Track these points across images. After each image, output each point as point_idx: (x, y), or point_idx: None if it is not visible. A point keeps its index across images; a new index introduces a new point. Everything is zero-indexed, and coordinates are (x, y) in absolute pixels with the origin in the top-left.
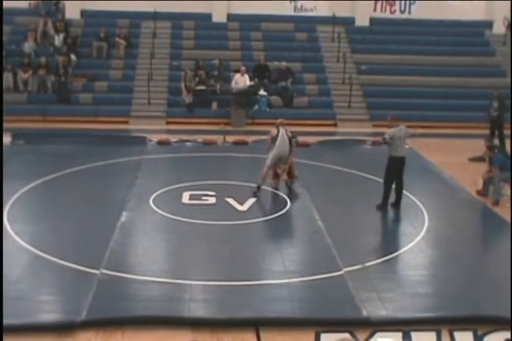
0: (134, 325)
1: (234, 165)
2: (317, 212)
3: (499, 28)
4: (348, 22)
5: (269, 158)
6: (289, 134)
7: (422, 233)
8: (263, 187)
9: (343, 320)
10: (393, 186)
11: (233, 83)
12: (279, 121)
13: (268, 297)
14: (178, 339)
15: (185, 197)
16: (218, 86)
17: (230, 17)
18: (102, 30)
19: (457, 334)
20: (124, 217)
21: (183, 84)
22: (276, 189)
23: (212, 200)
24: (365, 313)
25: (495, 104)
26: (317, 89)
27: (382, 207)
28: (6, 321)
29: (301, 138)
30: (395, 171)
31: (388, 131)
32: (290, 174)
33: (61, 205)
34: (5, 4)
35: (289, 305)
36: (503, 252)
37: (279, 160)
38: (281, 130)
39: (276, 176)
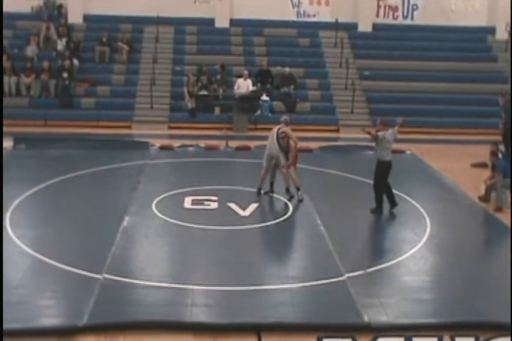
0: (135, 330)
1: (236, 170)
2: (319, 218)
3: (501, 34)
4: (350, 27)
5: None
6: (281, 132)
7: (424, 239)
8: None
9: (345, 326)
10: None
11: (236, 88)
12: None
13: (270, 302)
14: None
15: (188, 202)
16: (221, 91)
17: (233, 22)
18: (104, 35)
19: (459, 340)
20: (126, 221)
21: (185, 89)
22: (288, 189)
23: (214, 205)
24: (366, 319)
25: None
26: (320, 95)
27: (376, 211)
28: (7, 325)
29: (303, 144)
30: (385, 176)
31: (380, 133)
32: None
33: (63, 210)
34: (7, 8)
35: (291, 310)
36: (504, 258)
37: (271, 159)
38: (274, 129)
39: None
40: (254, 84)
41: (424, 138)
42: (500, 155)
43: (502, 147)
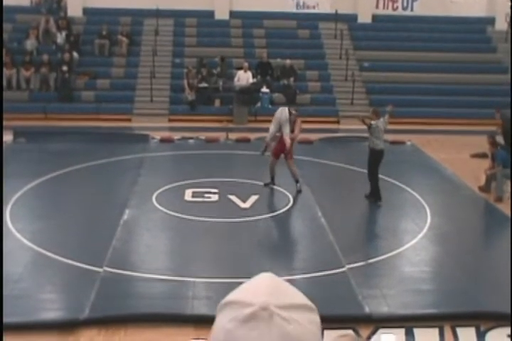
0: (137, 323)
1: (236, 163)
2: (320, 209)
3: (501, 25)
4: (350, 19)
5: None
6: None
7: (425, 230)
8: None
9: (346, 317)
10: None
11: (236, 80)
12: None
13: None
14: (181, 336)
15: (188, 195)
16: (221, 83)
17: (233, 14)
18: (104, 28)
19: (460, 330)
20: (126, 214)
21: (185, 82)
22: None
23: (214, 198)
24: (367, 310)
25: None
26: (319, 86)
27: (376, 200)
28: (8, 319)
29: (303, 136)
30: (378, 164)
31: (373, 122)
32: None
33: (63, 203)
34: (6, 2)
35: None
36: (504, 248)
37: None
38: (286, 107)
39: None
40: (254, 77)
41: (424, 129)
42: (499, 147)
43: (499, 138)
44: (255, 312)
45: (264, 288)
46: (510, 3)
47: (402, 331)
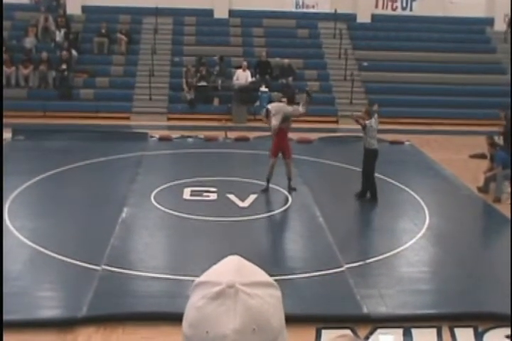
0: (135, 321)
1: (235, 162)
2: (318, 209)
3: (500, 25)
4: (349, 18)
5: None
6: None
7: (423, 230)
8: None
9: (344, 317)
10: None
11: (235, 79)
12: None
13: None
14: (179, 335)
15: (187, 193)
16: (219, 82)
17: (232, 13)
18: (103, 26)
19: (458, 331)
20: (125, 213)
21: (184, 81)
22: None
23: (213, 196)
24: (365, 310)
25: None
26: (319, 86)
27: (375, 200)
28: (7, 317)
29: (302, 135)
30: (374, 164)
31: (367, 121)
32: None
33: (62, 201)
34: None
35: (290, 301)
36: (503, 249)
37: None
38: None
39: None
40: (253, 76)
41: (423, 129)
42: (498, 148)
43: (498, 139)
44: (222, 290)
45: (231, 268)
46: (509, 4)
47: (400, 331)
